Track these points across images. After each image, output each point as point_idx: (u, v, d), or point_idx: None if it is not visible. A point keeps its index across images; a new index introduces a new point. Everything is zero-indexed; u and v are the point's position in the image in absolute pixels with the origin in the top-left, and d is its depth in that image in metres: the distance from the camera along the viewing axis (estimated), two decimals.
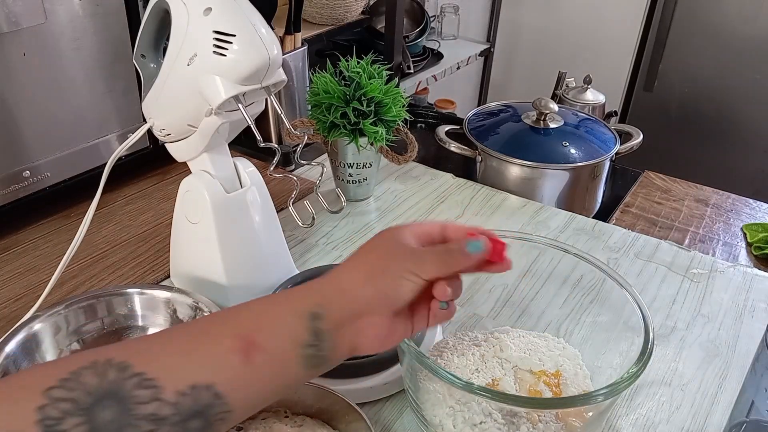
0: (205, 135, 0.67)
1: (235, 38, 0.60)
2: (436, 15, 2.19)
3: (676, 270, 0.88)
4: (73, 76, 0.87)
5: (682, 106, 2.31)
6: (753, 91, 2.16)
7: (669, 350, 0.75)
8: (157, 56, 0.70)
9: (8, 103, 0.81)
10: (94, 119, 0.91)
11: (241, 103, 0.63)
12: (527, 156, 1.04)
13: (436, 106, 1.84)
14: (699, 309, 0.82)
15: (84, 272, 0.83)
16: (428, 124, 1.35)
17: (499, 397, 0.52)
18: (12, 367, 0.61)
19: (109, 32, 0.89)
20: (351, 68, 0.91)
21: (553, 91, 1.48)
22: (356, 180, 0.98)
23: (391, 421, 0.65)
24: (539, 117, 1.09)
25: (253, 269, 0.75)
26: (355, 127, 0.90)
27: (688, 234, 1.02)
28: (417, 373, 0.58)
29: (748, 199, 1.11)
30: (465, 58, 2.13)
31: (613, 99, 2.32)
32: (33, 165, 0.86)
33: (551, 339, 0.68)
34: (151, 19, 0.68)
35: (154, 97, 0.68)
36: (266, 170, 0.70)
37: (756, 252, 0.97)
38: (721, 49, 2.16)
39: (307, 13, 1.57)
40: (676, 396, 0.69)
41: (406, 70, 1.82)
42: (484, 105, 1.20)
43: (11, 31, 0.78)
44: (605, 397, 0.52)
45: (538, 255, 0.68)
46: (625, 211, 1.08)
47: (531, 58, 2.54)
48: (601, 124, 1.14)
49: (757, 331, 0.78)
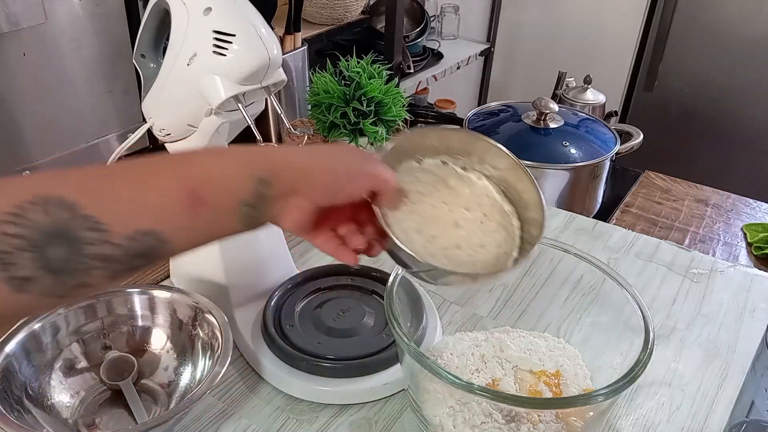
0: (205, 135, 0.67)
1: (235, 38, 0.60)
2: (436, 15, 2.19)
3: (677, 270, 0.88)
4: (73, 76, 0.87)
5: (682, 106, 2.31)
6: (753, 91, 2.16)
7: (669, 350, 0.75)
8: (157, 56, 0.70)
9: (8, 103, 0.81)
10: (94, 119, 0.91)
11: (241, 102, 0.63)
12: (527, 156, 1.04)
13: (436, 106, 1.84)
14: (699, 309, 0.82)
15: None
16: (428, 124, 1.35)
17: (500, 397, 0.52)
18: (12, 367, 0.61)
19: (109, 32, 0.89)
20: (351, 68, 0.91)
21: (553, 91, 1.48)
22: None
23: (391, 421, 0.65)
24: (539, 117, 1.09)
25: (253, 269, 0.75)
26: (355, 127, 0.90)
27: (688, 234, 1.02)
28: (417, 373, 0.58)
29: (748, 199, 1.11)
30: (465, 58, 2.13)
31: (613, 99, 2.32)
32: (33, 165, 0.86)
33: (551, 339, 0.68)
34: (151, 19, 0.68)
35: (154, 97, 0.68)
36: None
37: (756, 252, 0.97)
38: (721, 49, 2.16)
39: (307, 13, 1.57)
40: (676, 396, 0.69)
41: (406, 70, 1.82)
42: (484, 105, 1.20)
43: (11, 31, 0.78)
44: (605, 397, 0.52)
45: (539, 255, 0.68)
46: (625, 211, 1.08)
47: (531, 58, 2.53)
48: (601, 124, 1.14)
49: (757, 331, 0.78)
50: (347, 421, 0.65)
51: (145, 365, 0.68)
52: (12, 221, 0.37)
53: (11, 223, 0.37)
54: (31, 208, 0.38)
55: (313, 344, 0.68)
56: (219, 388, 0.68)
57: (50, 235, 0.38)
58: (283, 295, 0.74)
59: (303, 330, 0.70)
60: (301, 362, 0.66)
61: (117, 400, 0.65)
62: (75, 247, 0.39)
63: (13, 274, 0.37)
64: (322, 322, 0.71)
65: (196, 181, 0.43)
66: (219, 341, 0.64)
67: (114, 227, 0.40)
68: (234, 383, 0.69)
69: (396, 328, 0.56)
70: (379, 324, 0.71)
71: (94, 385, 0.66)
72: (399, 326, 0.56)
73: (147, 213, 0.42)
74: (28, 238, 0.37)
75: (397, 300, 0.60)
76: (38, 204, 0.38)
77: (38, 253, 0.38)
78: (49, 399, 0.63)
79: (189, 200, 0.43)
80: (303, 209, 0.47)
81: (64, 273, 0.39)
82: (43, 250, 0.38)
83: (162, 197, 0.42)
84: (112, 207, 0.40)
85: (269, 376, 0.68)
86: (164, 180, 0.43)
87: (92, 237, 0.39)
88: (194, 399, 0.58)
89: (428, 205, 0.54)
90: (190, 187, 0.43)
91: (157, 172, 0.43)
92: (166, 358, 0.69)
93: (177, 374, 0.67)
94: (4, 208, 0.37)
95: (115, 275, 0.41)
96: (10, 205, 0.37)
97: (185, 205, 0.42)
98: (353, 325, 0.71)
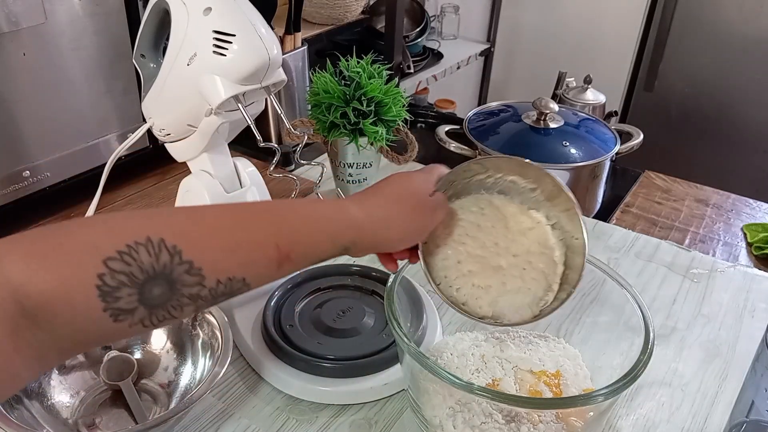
0: (204, 135, 0.67)
1: (235, 38, 0.60)
2: (436, 15, 2.19)
3: (677, 270, 0.88)
4: (72, 76, 0.87)
5: (682, 106, 2.30)
6: (753, 91, 2.16)
7: (669, 350, 0.75)
8: (157, 56, 0.70)
9: (8, 103, 0.81)
10: (94, 119, 0.91)
11: (240, 102, 0.63)
12: (527, 156, 1.02)
13: (436, 106, 1.84)
14: (699, 309, 0.82)
15: None
16: (428, 124, 1.35)
17: (500, 397, 0.52)
18: None
19: (109, 32, 0.89)
20: (351, 68, 0.91)
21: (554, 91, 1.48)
22: (356, 180, 0.98)
23: (391, 421, 0.65)
24: (539, 117, 1.09)
25: None
26: (355, 127, 0.90)
27: (688, 234, 1.02)
28: (417, 373, 0.58)
29: (748, 199, 1.11)
30: (465, 58, 2.12)
31: (613, 99, 2.32)
32: (33, 165, 0.86)
33: (551, 339, 0.68)
34: (151, 19, 0.68)
35: (154, 97, 0.68)
36: (266, 170, 0.70)
37: (756, 252, 0.97)
38: (721, 49, 2.16)
39: (307, 13, 1.57)
40: (676, 396, 0.69)
41: (406, 70, 1.82)
42: (484, 105, 1.20)
43: (11, 31, 0.78)
44: (605, 397, 0.52)
45: None
46: (625, 211, 1.08)
47: (531, 58, 2.53)
48: (601, 124, 1.14)
49: (757, 331, 0.78)
50: (347, 421, 0.65)
51: (145, 365, 0.68)
52: (119, 258, 0.40)
53: (119, 260, 0.40)
54: (136, 248, 0.41)
55: (313, 344, 0.68)
56: (219, 388, 0.68)
57: (151, 275, 0.41)
58: (283, 295, 0.74)
59: (303, 330, 0.70)
60: (301, 362, 0.66)
61: (117, 400, 0.65)
62: (172, 287, 0.42)
63: (114, 306, 0.40)
64: (322, 322, 0.71)
65: (287, 243, 0.48)
66: (219, 341, 0.64)
67: (209, 273, 0.44)
68: (234, 383, 0.69)
69: (396, 328, 0.56)
70: (379, 324, 0.71)
71: (94, 385, 0.66)
72: (399, 326, 0.56)
73: (239, 264, 0.46)
74: (132, 276, 0.41)
75: (397, 300, 0.60)
76: (143, 245, 0.41)
77: (139, 289, 0.41)
78: (49, 399, 0.63)
79: (279, 259, 0.47)
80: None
81: (159, 308, 0.43)
82: (143, 287, 0.41)
83: (255, 252, 0.47)
84: (209, 255, 0.44)
85: (269, 376, 0.68)
86: (259, 236, 0.47)
87: (189, 280, 0.43)
88: (194, 399, 0.58)
89: (479, 242, 0.57)
90: (282, 248, 0.47)
91: (252, 225, 0.47)
92: (166, 358, 0.69)
93: (177, 374, 0.67)
94: (113, 246, 0.40)
95: (200, 309, 0.46)
96: (119, 244, 0.41)
97: (274, 262, 0.47)
98: (353, 325, 0.71)
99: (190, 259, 0.43)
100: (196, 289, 0.44)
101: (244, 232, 0.47)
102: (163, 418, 0.57)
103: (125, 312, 0.41)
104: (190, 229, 0.45)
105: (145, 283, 0.41)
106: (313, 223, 0.50)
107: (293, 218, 0.49)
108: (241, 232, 0.47)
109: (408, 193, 0.56)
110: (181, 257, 0.43)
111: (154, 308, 0.42)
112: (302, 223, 0.50)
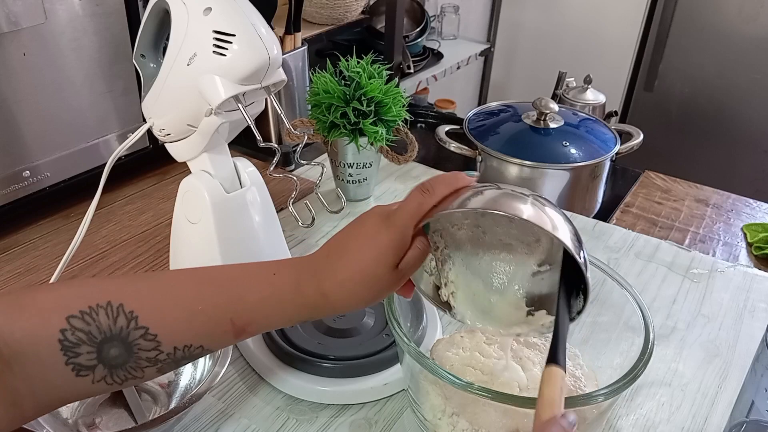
0: (204, 135, 0.67)
1: (235, 38, 0.60)
2: (436, 15, 2.19)
3: (677, 270, 0.88)
4: (72, 76, 0.87)
5: (682, 106, 2.31)
6: (753, 91, 2.16)
7: (669, 350, 0.75)
8: (157, 56, 0.70)
9: (8, 103, 0.81)
10: (94, 119, 0.91)
11: (240, 103, 0.63)
12: (527, 156, 1.04)
13: (436, 106, 1.84)
14: (699, 309, 0.82)
15: (84, 272, 0.83)
16: (428, 124, 1.35)
17: (499, 397, 0.52)
18: None
19: (109, 32, 0.89)
20: (351, 68, 0.91)
21: (553, 91, 1.48)
22: (356, 180, 0.98)
23: (391, 421, 0.65)
24: (539, 117, 1.09)
25: None
26: (355, 127, 0.90)
27: (688, 234, 1.02)
28: (417, 373, 0.58)
29: (748, 199, 1.11)
30: (465, 58, 2.13)
31: (613, 99, 2.32)
32: (33, 165, 0.86)
33: None
34: (151, 19, 0.68)
35: (153, 97, 0.68)
36: (266, 170, 0.70)
37: (756, 252, 0.97)
38: (721, 49, 2.16)
39: (307, 13, 1.57)
40: (676, 396, 0.69)
41: (406, 70, 1.82)
42: (484, 105, 1.20)
43: (11, 31, 0.78)
44: (605, 397, 0.51)
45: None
46: (625, 211, 1.08)
47: (531, 58, 2.53)
48: (601, 124, 1.14)
49: (757, 331, 0.78)
50: (347, 421, 0.65)
51: None
52: (80, 317, 0.44)
53: (80, 319, 0.44)
54: (97, 310, 0.45)
55: (313, 344, 0.68)
56: (219, 388, 0.68)
57: (108, 336, 0.45)
58: None
59: (303, 330, 0.70)
60: (301, 362, 0.66)
61: (117, 400, 0.65)
62: (129, 349, 0.45)
63: (75, 361, 0.44)
64: (322, 322, 0.71)
65: (243, 321, 0.49)
66: None
67: (164, 339, 0.46)
68: (234, 383, 0.69)
69: (396, 328, 0.56)
70: (379, 324, 0.71)
71: None
72: (399, 326, 0.56)
73: (196, 334, 0.48)
74: (90, 335, 0.44)
75: (397, 300, 0.60)
76: (103, 307, 0.45)
77: (97, 348, 0.44)
78: None
79: (234, 332, 0.49)
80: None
81: (118, 368, 0.46)
82: (101, 347, 0.45)
83: (211, 325, 0.48)
84: (165, 323, 0.47)
85: (269, 376, 0.68)
86: (217, 311, 0.48)
87: (145, 345, 0.46)
88: (194, 399, 0.58)
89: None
90: (239, 325, 0.49)
91: (208, 298, 0.49)
92: None
93: (177, 374, 0.67)
94: (78, 306, 0.44)
95: (164, 371, 0.48)
96: (83, 305, 0.44)
97: (230, 334, 0.49)
98: (353, 325, 0.71)
99: (145, 326, 0.46)
100: (154, 353, 0.46)
101: (201, 304, 0.48)
102: (163, 418, 0.57)
103: (86, 368, 0.44)
104: (150, 296, 0.47)
105: (103, 343, 0.45)
106: (269, 306, 0.50)
107: (251, 298, 0.49)
108: (199, 304, 0.48)
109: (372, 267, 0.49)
110: (137, 322, 0.45)
111: (113, 368, 0.45)
112: (259, 304, 0.50)
